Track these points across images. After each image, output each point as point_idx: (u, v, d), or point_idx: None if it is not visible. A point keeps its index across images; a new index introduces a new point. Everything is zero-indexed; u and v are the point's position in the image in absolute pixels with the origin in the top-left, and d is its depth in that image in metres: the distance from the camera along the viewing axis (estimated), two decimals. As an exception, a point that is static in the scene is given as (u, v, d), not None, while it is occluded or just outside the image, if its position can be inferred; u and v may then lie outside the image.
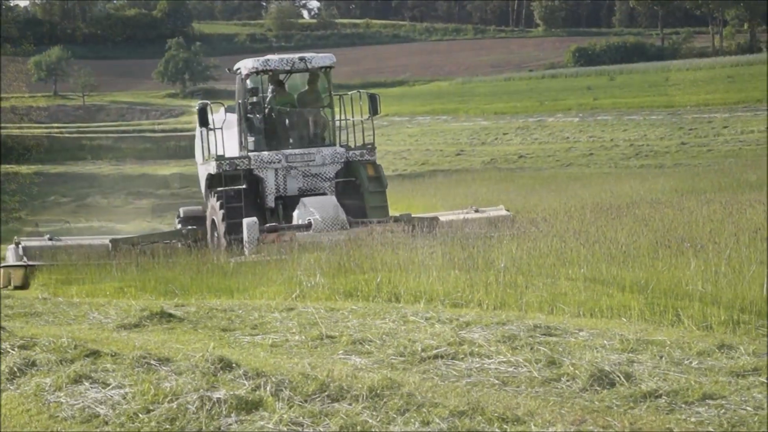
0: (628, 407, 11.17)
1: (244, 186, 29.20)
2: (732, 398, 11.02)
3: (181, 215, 34.05)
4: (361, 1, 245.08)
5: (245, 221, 27.28)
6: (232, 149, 30.49)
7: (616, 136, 72.80)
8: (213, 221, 30.19)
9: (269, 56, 31.52)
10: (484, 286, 18.49)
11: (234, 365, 13.31)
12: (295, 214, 28.51)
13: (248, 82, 30.99)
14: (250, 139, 30.66)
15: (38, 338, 16.75)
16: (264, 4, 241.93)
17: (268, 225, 27.70)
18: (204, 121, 29.90)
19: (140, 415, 12.11)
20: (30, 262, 28.56)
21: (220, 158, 29.61)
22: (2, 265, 29.46)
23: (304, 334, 16.15)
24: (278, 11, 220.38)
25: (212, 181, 30.41)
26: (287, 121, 30.96)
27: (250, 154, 29.92)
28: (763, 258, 17.05)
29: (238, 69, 30.93)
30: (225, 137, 30.25)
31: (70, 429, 12.26)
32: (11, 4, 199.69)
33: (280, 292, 21.62)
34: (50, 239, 31.77)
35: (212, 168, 30.14)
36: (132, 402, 12.50)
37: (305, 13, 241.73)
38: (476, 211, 30.58)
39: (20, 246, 30.33)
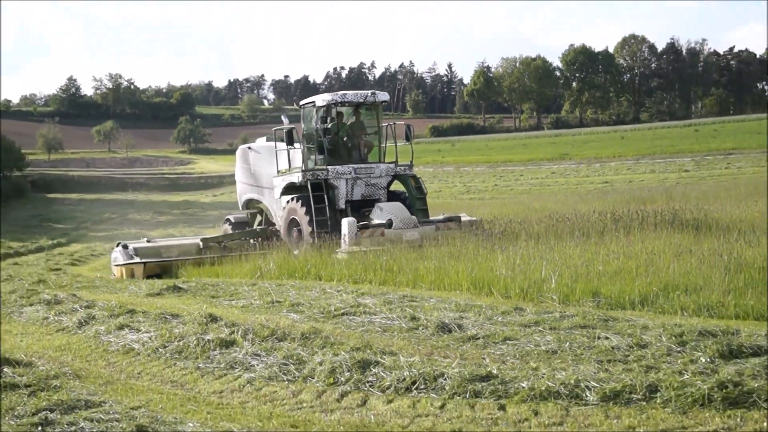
0: (459, 345, 11.28)
1: (319, 193, 24.36)
2: (522, 340, 11.15)
3: (232, 221, 28.91)
4: (301, 93, 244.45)
5: (346, 220, 22.68)
6: (285, 165, 26.02)
7: (455, 180, 73.10)
8: (293, 220, 25.07)
9: (345, 91, 26.68)
10: (373, 271, 18.56)
11: (218, 319, 13.34)
12: (373, 215, 24.04)
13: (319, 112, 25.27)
14: (319, 156, 25.19)
15: (97, 301, 16.74)
16: (240, 96, 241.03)
17: (360, 223, 23.14)
18: (291, 140, 24.86)
19: (160, 349, 12.18)
20: (145, 260, 25.12)
21: (306, 171, 24.73)
22: (126, 262, 25.19)
23: (262, 300, 16.15)
24: (249, 100, 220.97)
25: (289, 189, 25.64)
26: (349, 143, 25.83)
27: (328, 167, 24.77)
28: (543, 254, 17.25)
29: (312, 102, 25.57)
30: (280, 157, 26.10)
31: (117, 357, 12.30)
32: (82, 93, 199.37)
33: (248, 273, 21.57)
34: (148, 241, 27.33)
35: (295, 178, 25.08)
36: (155, 341, 12.58)
37: (265, 102, 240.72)
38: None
39: (130, 247, 25.81)
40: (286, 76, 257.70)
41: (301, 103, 26.41)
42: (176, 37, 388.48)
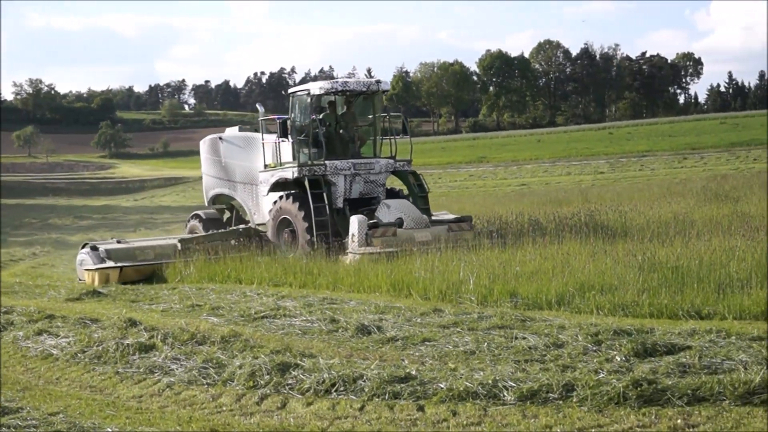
0: (379, 347, 11.27)
1: (313, 191, 21.93)
2: (441, 341, 11.17)
3: (203, 217, 25.78)
4: (222, 98, 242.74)
5: (356, 218, 20.31)
6: (273, 158, 23.42)
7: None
8: (283, 220, 22.44)
9: (345, 79, 24.11)
10: (293, 274, 18.48)
11: (138, 323, 13.22)
12: (380, 213, 21.63)
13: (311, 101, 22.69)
14: (313, 150, 22.59)
15: (15, 307, 16.53)
16: (161, 101, 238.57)
17: (369, 222, 20.83)
18: (285, 132, 22.62)
19: (79, 354, 12.04)
20: (122, 264, 22.31)
21: (301, 165, 22.14)
22: (99, 267, 22.22)
23: (182, 304, 16.05)
24: (170, 105, 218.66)
25: (276, 185, 23.11)
26: (346, 135, 23.40)
27: (326, 161, 22.27)
28: (461, 255, 17.29)
29: (305, 90, 22.95)
30: (268, 150, 23.54)
31: (35, 363, 12.11)
32: (2, 98, 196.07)
33: (168, 277, 21.35)
34: (118, 242, 24.53)
35: (289, 173, 22.41)
36: (74, 346, 12.44)
37: (186, 107, 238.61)
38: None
39: (100, 248, 22.92)
40: (207, 81, 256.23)
41: (291, 91, 24.07)
42: (97, 44, 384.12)
